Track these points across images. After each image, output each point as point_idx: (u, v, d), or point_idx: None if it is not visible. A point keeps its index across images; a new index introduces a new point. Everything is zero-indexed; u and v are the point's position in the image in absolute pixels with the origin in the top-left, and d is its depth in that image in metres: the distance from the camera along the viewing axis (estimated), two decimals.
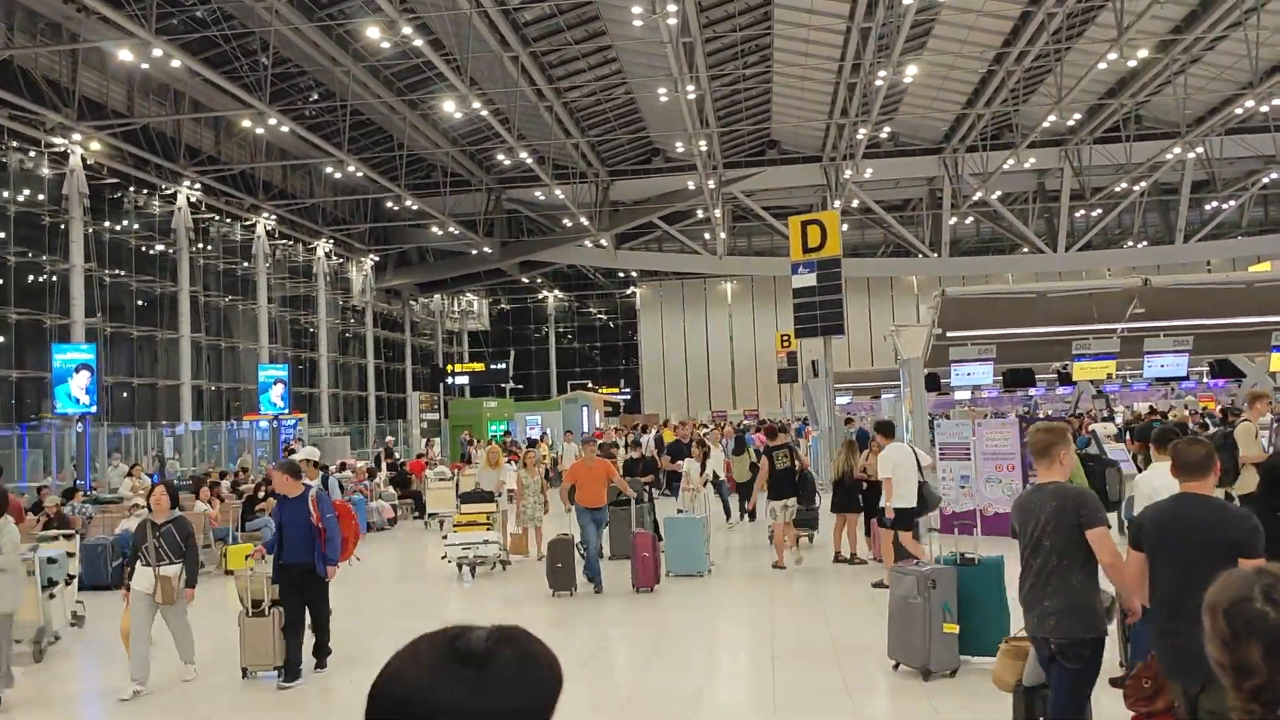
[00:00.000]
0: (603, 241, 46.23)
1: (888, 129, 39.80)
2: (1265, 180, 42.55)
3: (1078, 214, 45.18)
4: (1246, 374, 20.29)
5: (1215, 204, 44.58)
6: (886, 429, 11.62)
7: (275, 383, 30.80)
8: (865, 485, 12.19)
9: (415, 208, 39.87)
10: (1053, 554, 4.70)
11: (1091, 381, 18.95)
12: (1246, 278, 16.65)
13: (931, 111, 38.92)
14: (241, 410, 35.44)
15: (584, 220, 42.61)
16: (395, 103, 32.69)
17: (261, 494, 16.04)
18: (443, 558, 13.46)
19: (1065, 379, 20.26)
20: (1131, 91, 34.41)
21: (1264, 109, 34.34)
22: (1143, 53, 28.72)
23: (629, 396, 56.72)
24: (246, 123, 30.73)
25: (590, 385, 53.04)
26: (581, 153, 39.66)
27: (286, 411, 30.33)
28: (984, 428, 13.80)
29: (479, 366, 49.55)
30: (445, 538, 13.71)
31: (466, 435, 31.00)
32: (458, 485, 19.41)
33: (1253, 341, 17.44)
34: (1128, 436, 14.01)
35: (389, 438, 29.55)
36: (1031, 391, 25.41)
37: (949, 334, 17.03)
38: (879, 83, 29.47)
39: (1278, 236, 44.65)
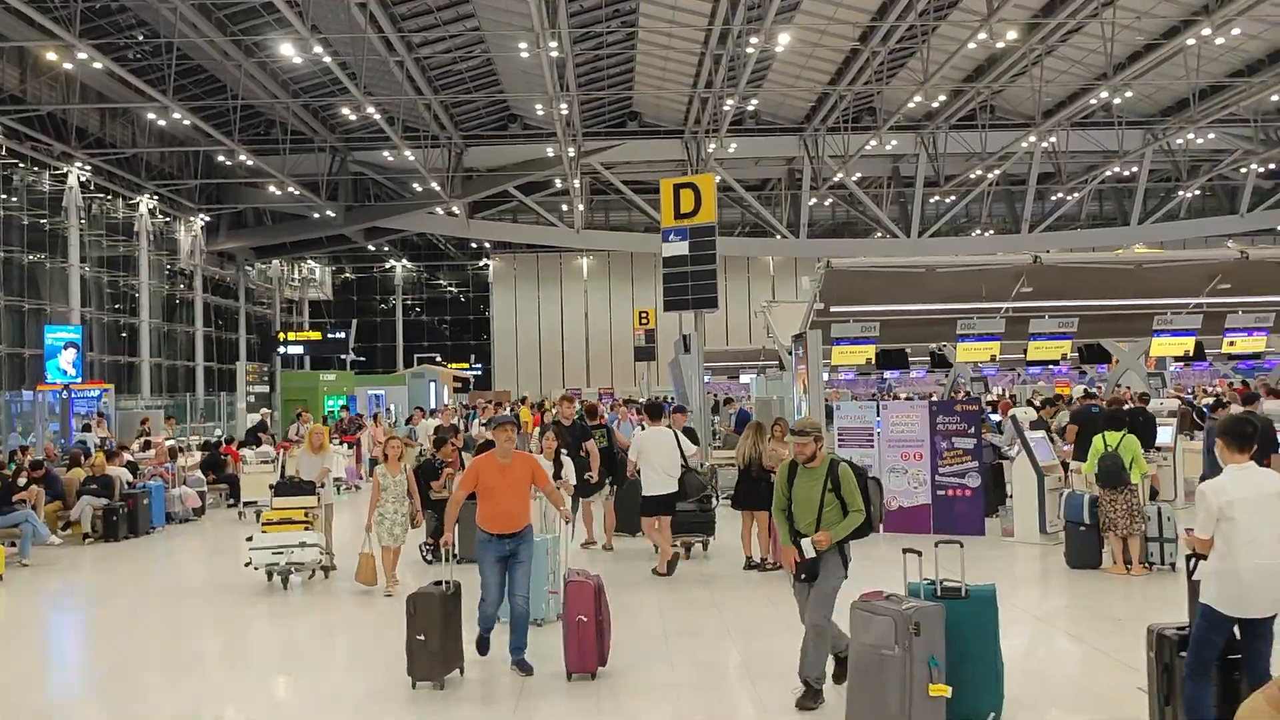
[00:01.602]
0: (455, 210, 44.08)
1: (753, 103, 39.09)
2: (1105, 174, 43.86)
3: (931, 200, 45.69)
4: (1118, 359, 20.23)
5: (1059, 195, 45.82)
6: (654, 411, 11.53)
7: (65, 346, 27.43)
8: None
9: (251, 164, 36.85)
10: None
11: (974, 364, 18.46)
12: (1136, 258, 16.34)
13: (796, 89, 38.41)
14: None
15: (435, 186, 40.41)
16: (228, 46, 29.82)
17: (23, 480, 13.67)
18: (246, 564, 10.79)
19: (940, 361, 19.72)
20: (990, 78, 34.62)
21: (1117, 100, 35.10)
22: (1011, 34, 28.68)
23: (480, 372, 54.76)
24: (53, 56, 27.39)
25: (439, 360, 50.83)
26: (434, 114, 37.47)
27: (79, 380, 27.03)
28: (890, 411, 12.83)
29: (315, 335, 46.52)
30: (250, 539, 10.88)
31: (300, 410, 28.56)
32: (283, 470, 16.01)
33: (1135, 325, 17.20)
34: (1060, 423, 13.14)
35: (265, 410, 26.49)
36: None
37: (832, 308, 16.06)
38: (750, 50, 28.54)
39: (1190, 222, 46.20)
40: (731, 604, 9.28)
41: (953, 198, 45.50)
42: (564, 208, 46.49)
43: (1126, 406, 13.77)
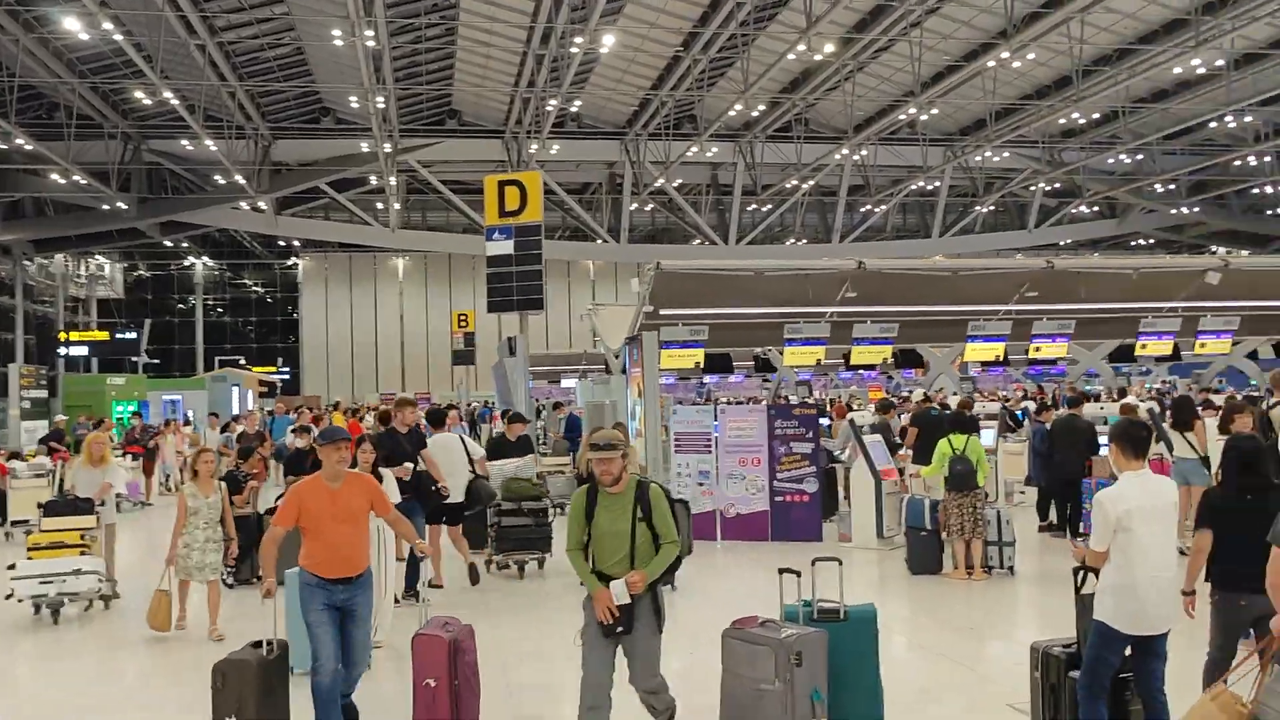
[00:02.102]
0: (261, 205, 41.77)
1: (576, 105, 38.75)
2: (910, 188, 45.84)
3: (748, 208, 46.59)
4: (930, 363, 20.89)
5: (868, 207, 47.60)
6: (435, 418, 10.67)
7: None
8: None
9: (30, 149, 33.68)
10: None
11: (796, 368, 18.63)
12: (953, 266, 16.86)
13: (618, 93, 38.35)
14: None
15: (240, 180, 38.09)
16: (2, 18, 27.09)
17: None
18: (8, 596, 9.13)
19: (765, 365, 19.83)
20: (806, 91, 35.50)
21: (923, 117, 36.64)
22: (829, 47, 29.42)
23: (288, 376, 52.12)
24: None
25: (243, 363, 48.04)
26: (239, 103, 35.28)
27: None
28: (728, 416, 12.58)
29: (103, 335, 43.01)
30: (13, 567, 9.18)
31: (85, 419, 26.16)
32: (60, 485, 13.99)
33: (951, 331, 17.74)
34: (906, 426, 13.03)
35: (60, 417, 23.59)
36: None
37: (661, 311, 15.83)
38: (573, 50, 28.18)
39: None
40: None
41: (769, 206, 46.59)
42: (379, 206, 44.83)
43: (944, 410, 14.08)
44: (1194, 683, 4.96)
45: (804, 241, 49.61)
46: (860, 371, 24.10)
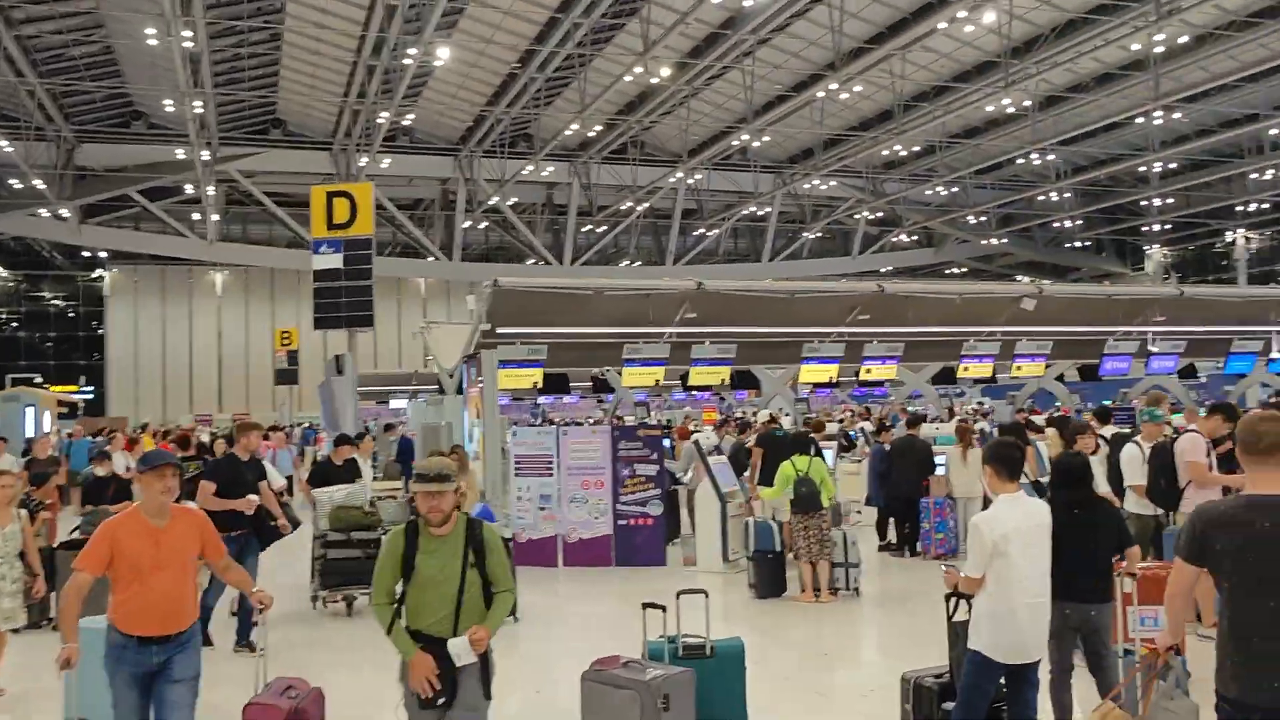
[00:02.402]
0: (64, 213, 38.88)
1: (409, 119, 37.79)
2: (742, 214, 46.84)
3: (583, 229, 46.57)
4: (764, 384, 21.14)
5: (701, 231, 48.34)
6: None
7: None
8: None
9: None
10: None
11: (635, 389, 18.46)
12: (790, 288, 17.02)
13: (453, 108, 37.68)
14: None
15: (40, 185, 35.37)
16: None
17: None
18: None
19: (602, 385, 19.61)
20: (642, 113, 35.74)
21: (756, 144, 37.44)
22: (665, 71, 29.67)
23: (92, 396, 48.58)
24: None
25: (40, 382, 44.48)
26: (39, 102, 32.78)
27: None
28: (571, 437, 12.20)
29: None
30: None
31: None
32: None
33: (787, 353, 17.93)
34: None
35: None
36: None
37: (498, 330, 15.36)
38: (407, 62, 27.44)
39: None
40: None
41: (604, 228, 46.68)
42: (195, 217, 42.46)
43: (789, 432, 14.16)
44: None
45: (638, 263, 49.94)
46: (693, 392, 24.37)
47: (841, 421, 21.55)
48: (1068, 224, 50.24)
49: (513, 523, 11.39)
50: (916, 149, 40.82)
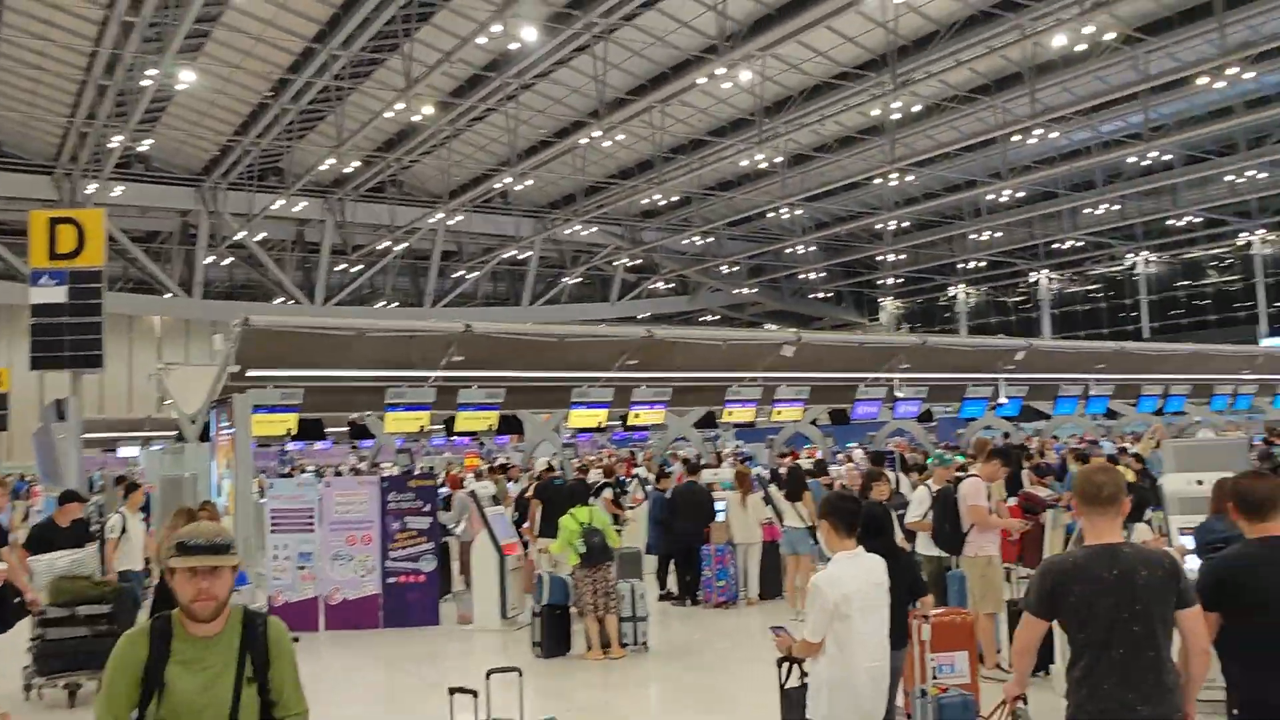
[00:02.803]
0: None
1: (145, 144, 35.01)
2: (502, 257, 46.52)
3: (337, 268, 44.76)
4: (528, 429, 20.73)
5: (460, 273, 47.60)
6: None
7: None
8: None
9: None
10: (1146, 643, 3.45)
11: (397, 435, 17.59)
12: (560, 331, 16.81)
13: (196, 135, 35.32)
14: None
15: None
16: None
17: None
18: None
19: (361, 431, 18.62)
20: (402, 151, 34.84)
21: (519, 187, 37.26)
22: (428, 109, 29.01)
23: None
24: None
25: None
26: None
27: None
28: (335, 489, 11.22)
29: None
30: None
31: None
32: None
33: (556, 397, 17.63)
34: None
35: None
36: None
37: (249, 373, 14.25)
38: (145, 84, 25.45)
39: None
40: None
41: (360, 267, 45.04)
42: None
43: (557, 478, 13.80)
44: None
45: (395, 305, 48.51)
46: (452, 438, 23.60)
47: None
48: (812, 276, 53.19)
49: (267, 584, 10.37)
50: (675, 199, 41.98)
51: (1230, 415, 24.74)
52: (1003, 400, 19.79)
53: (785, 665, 4.77)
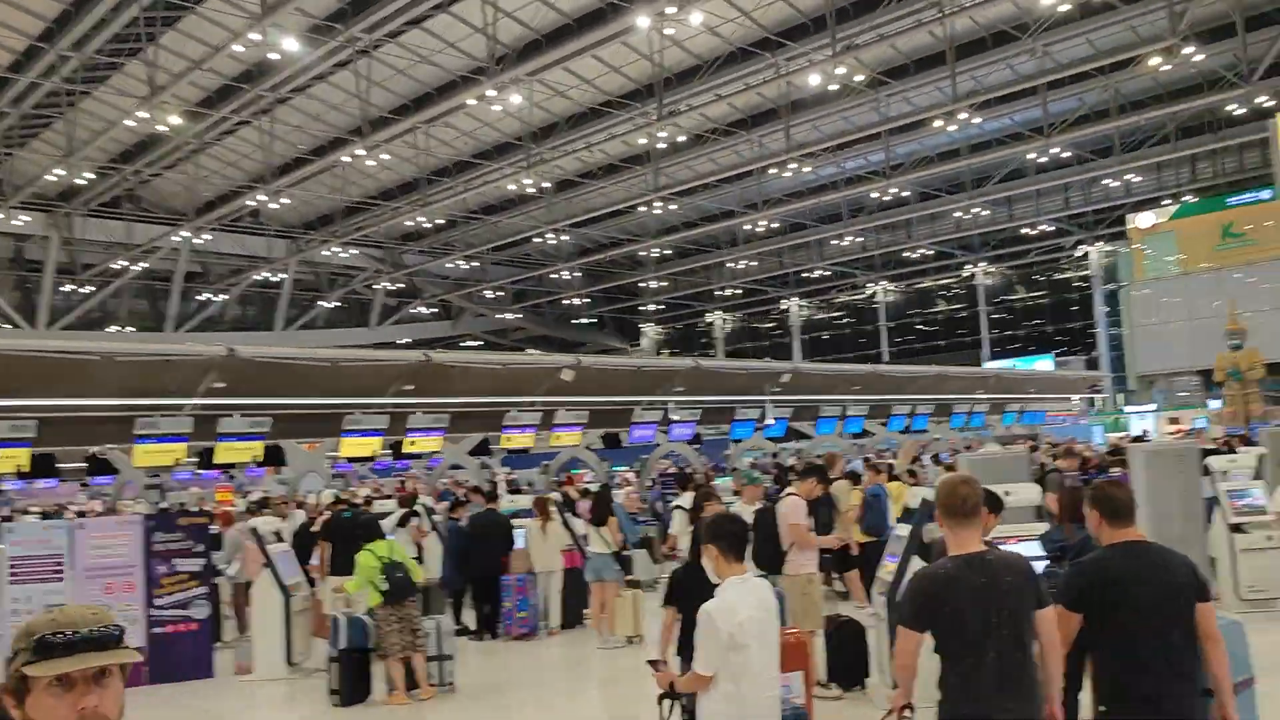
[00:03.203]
0: None
1: None
2: (253, 279, 44.00)
3: (63, 289, 40.83)
4: (290, 459, 19.47)
5: (206, 296, 44.61)
6: None
7: None
8: None
9: None
10: (1015, 645, 3.59)
11: (149, 469, 16.00)
12: (332, 356, 15.89)
13: None
14: None
15: None
16: None
17: None
18: None
19: (103, 466, 16.95)
20: (142, 164, 32.31)
21: (274, 206, 35.31)
22: (175, 119, 26.97)
23: None
24: None
25: None
26: None
27: None
28: (90, 531, 9.89)
29: None
30: None
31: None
32: None
33: (326, 425, 16.66)
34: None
35: None
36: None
37: None
38: None
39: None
40: None
41: (90, 288, 41.28)
42: None
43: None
44: None
45: (130, 329, 44.77)
46: (198, 473, 21.84)
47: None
48: (576, 301, 53.56)
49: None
50: (439, 222, 41.13)
51: (966, 432, 26.84)
52: (770, 421, 20.50)
53: (667, 703, 4.45)
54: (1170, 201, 37.47)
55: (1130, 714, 3.70)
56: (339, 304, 50.11)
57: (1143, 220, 36.08)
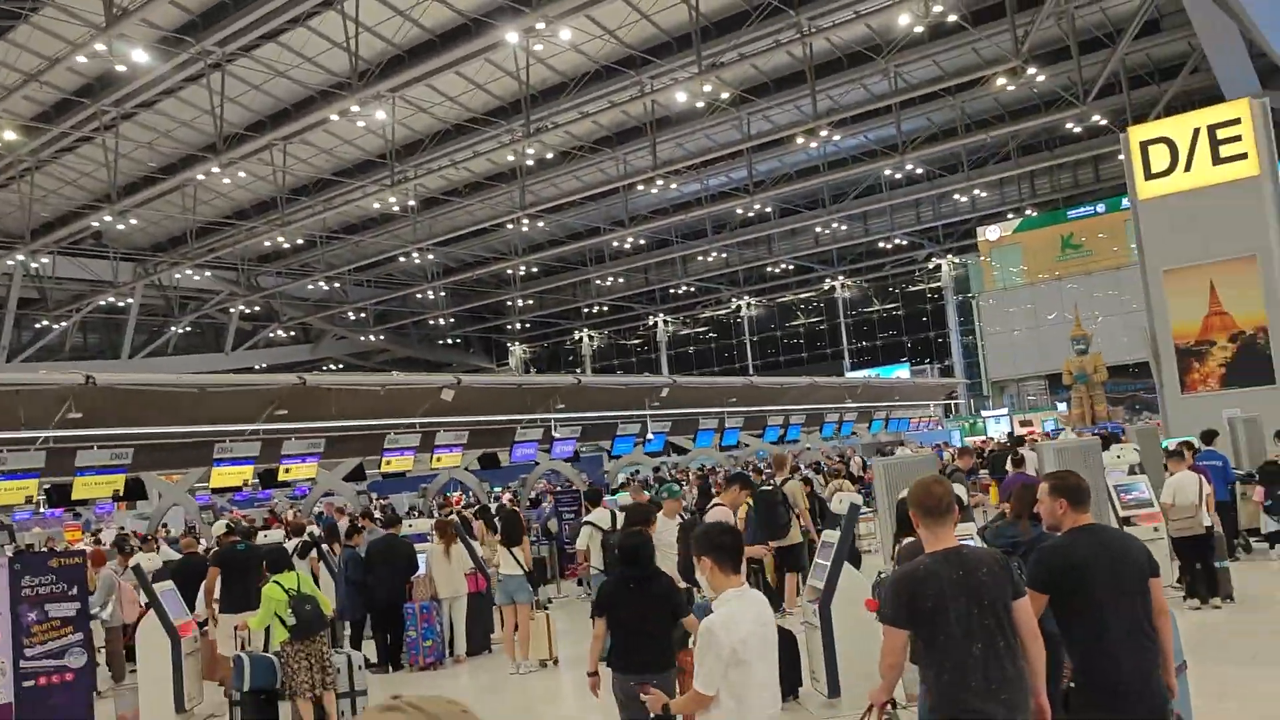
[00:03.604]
0: None
1: None
2: (96, 304, 41.66)
3: None
4: (153, 492, 18.44)
5: (44, 323, 42.00)
6: None
7: None
8: None
9: None
10: (998, 635, 3.67)
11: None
12: (201, 381, 15.10)
13: None
14: None
15: None
16: None
17: None
18: None
19: None
20: None
21: (121, 227, 33.52)
22: (9, 134, 25.31)
23: None
24: None
25: None
26: None
27: None
28: None
29: None
30: None
31: None
32: None
33: (195, 454, 15.82)
34: None
35: None
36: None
37: None
38: None
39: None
40: None
41: None
42: None
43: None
44: None
45: None
46: (40, 511, 20.48)
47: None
48: (441, 322, 52.68)
49: None
50: (298, 242, 39.84)
51: (835, 440, 27.55)
52: (650, 436, 20.53)
53: None
54: (1014, 215, 39.45)
55: (1100, 685, 3.86)
56: (190, 329, 47.96)
57: (990, 233, 37.87)
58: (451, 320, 53.36)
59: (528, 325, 56.72)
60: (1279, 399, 13.90)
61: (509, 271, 45.77)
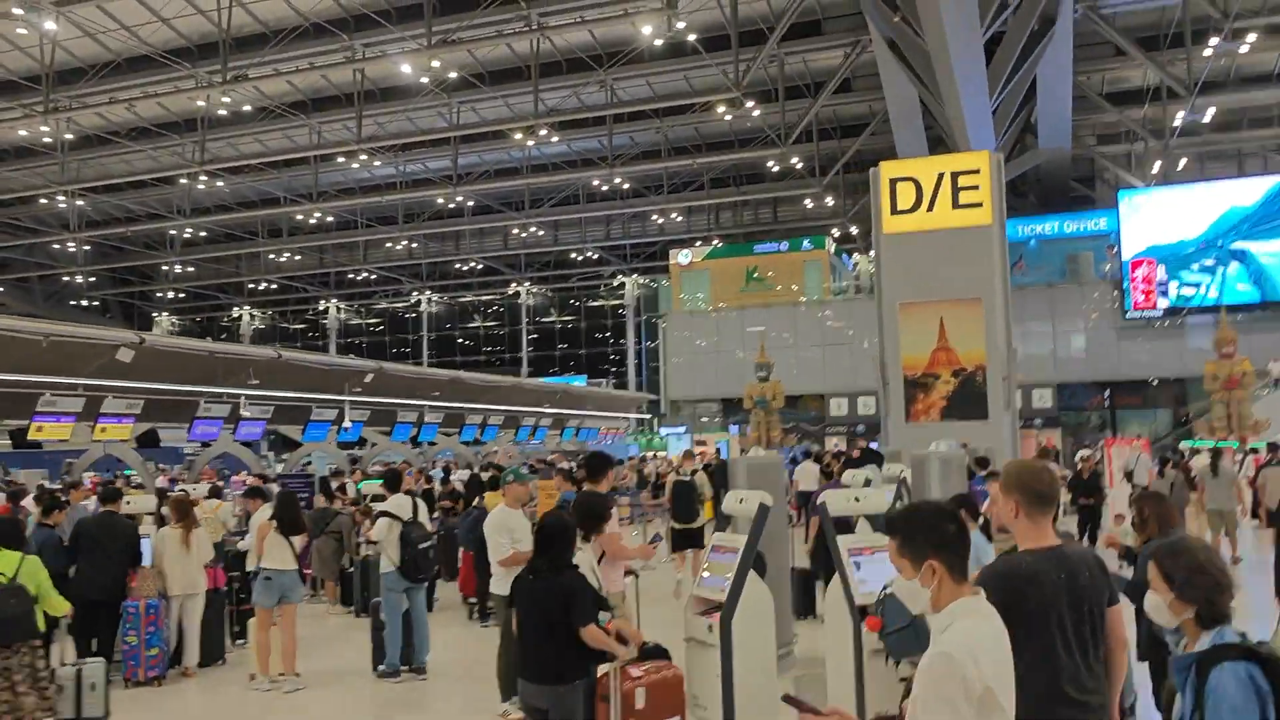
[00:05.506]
0: None
1: None
2: None
3: None
4: None
5: None
6: None
7: None
8: None
9: None
10: (1090, 644, 3.36)
11: None
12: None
13: None
14: None
15: None
16: None
17: None
18: None
19: None
20: None
21: None
22: None
23: None
24: None
25: None
26: None
27: None
28: None
29: None
30: None
31: None
32: None
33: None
34: None
35: None
36: None
37: None
38: None
39: None
40: None
41: None
42: None
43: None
44: None
45: None
46: None
47: None
48: (80, 280, 46.57)
49: None
50: None
51: (531, 444, 27.04)
52: (348, 425, 18.98)
53: None
54: (701, 243, 41.13)
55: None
56: None
57: (682, 258, 39.25)
58: (92, 280, 47.40)
59: (182, 295, 51.60)
60: (991, 433, 15.12)
61: (171, 233, 41.35)
